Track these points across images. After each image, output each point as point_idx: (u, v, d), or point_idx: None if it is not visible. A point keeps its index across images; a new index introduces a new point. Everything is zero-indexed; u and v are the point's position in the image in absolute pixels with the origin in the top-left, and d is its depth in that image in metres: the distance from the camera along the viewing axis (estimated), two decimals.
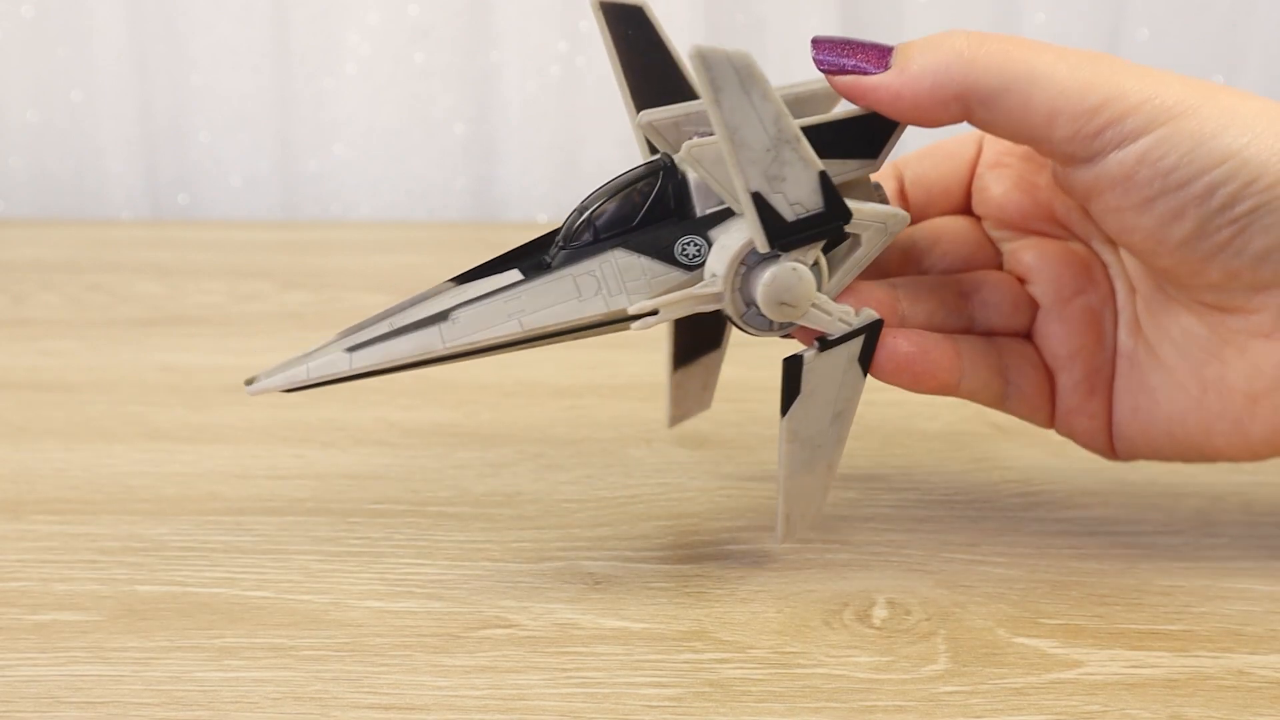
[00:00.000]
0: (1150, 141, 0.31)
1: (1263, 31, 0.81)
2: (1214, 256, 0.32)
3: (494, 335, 0.32)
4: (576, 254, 0.32)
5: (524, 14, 0.81)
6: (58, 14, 0.80)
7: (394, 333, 0.32)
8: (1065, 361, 0.36)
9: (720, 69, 0.29)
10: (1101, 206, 0.33)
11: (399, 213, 0.83)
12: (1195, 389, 0.34)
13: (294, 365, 0.32)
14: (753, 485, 0.41)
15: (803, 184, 0.31)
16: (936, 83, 0.31)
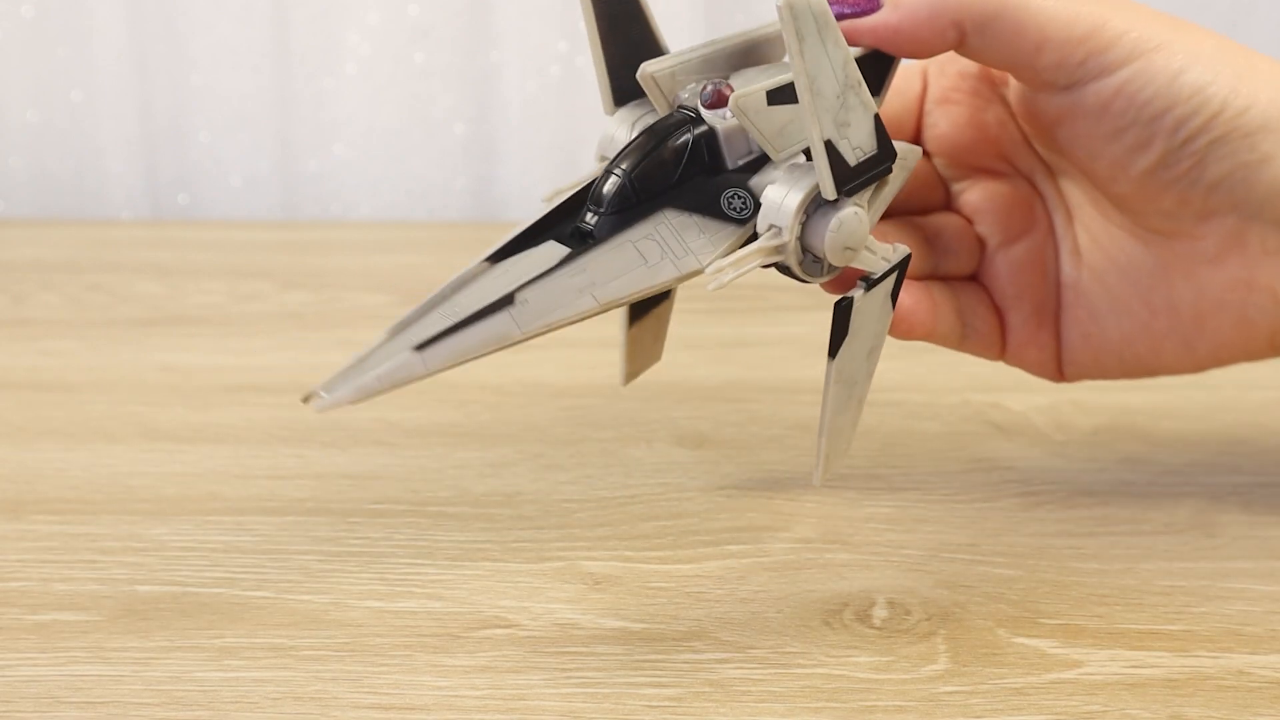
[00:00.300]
0: (1128, 73, 0.32)
1: (1263, 31, 0.81)
2: (1171, 185, 0.34)
3: (570, 313, 0.30)
4: (624, 219, 0.31)
5: (524, 14, 0.81)
6: (58, 14, 0.80)
7: (460, 324, 0.29)
8: (1014, 300, 0.38)
9: (805, 19, 0.28)
10: (1071, 133, 0.34)
11: (399, 213, 0.83)
12: (1144, 313, 0.36)
13: (358, 374, 0.29)
14: (753, 485, 0.41)
15: (863, 127, 0.31)
16: (934, 12, 0.33)
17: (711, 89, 0.32)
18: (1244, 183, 0.33)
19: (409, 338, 0.29)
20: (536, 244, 0.31)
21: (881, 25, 0.33)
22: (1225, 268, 0.35)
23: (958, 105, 0.38)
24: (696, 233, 0.31)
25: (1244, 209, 0.34)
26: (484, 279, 0.30)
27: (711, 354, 0.53)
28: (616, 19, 0.33)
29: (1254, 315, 0.35)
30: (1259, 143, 0.32)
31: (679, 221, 0.31)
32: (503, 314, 0.30)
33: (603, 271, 0.30)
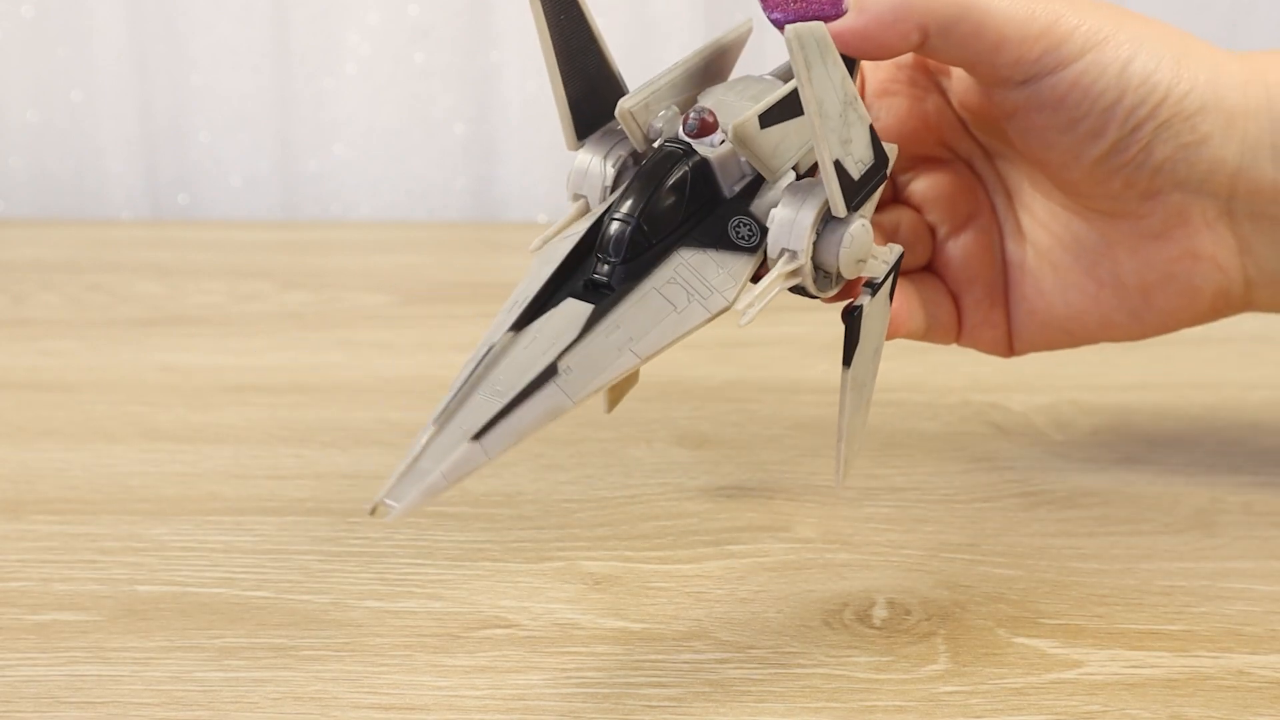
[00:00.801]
0: (1083, 66, 0.33)
1: (1263, 31, 0.81)
2: (1120, 169, 0.35)
3: (615, 373, 0.30)
4: (639, 265, 0.31)
5: (524, 14, 0.80)
6: (58, 14, 0.80)
7: (510, 405, 0.28)
8: (966, 285, 0.39)
9: (811, 48, 0.29)
10: (1025, 125, 0.35)
11: (399, 213, 0.83)
12: (1091, 287, 0.37)
13: (420, 475, 0.28)
14: (753, 485, 0.41)
15: (861, 140, 0.31)
16: (898, 16, 0.33)
17: (695, 118, 0.32)
18: (1185, 162, 0.34)
19: (461, 427, 0.28)
20: (555, 303, 0.30)
21: (847, 30, 0.33)
22: (1170, 242, 0.36)
23: (897, 96, 0.39)
24: (715, 268, 0.31)
25: (1186, 186, 0.35)
26: (515, 350, 0.30)
27: (711, 354, 0.53)
28: (572, 52, 0.33)
29: (1199, 283, 0.36)
30: (1199, 124, 0.34)
31: (696, 260, 0.31)
32: (550, 386, 0.29)
33: (636, 325, 0.30)
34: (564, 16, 0.33)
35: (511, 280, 0.69)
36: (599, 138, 0.34)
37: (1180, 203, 0.35)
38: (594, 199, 0.33)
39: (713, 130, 0.32)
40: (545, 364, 0.29)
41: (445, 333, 0.57)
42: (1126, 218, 0.36)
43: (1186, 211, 0.35)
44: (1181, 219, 0.35)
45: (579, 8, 0.33)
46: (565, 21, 0.33)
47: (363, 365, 0.53)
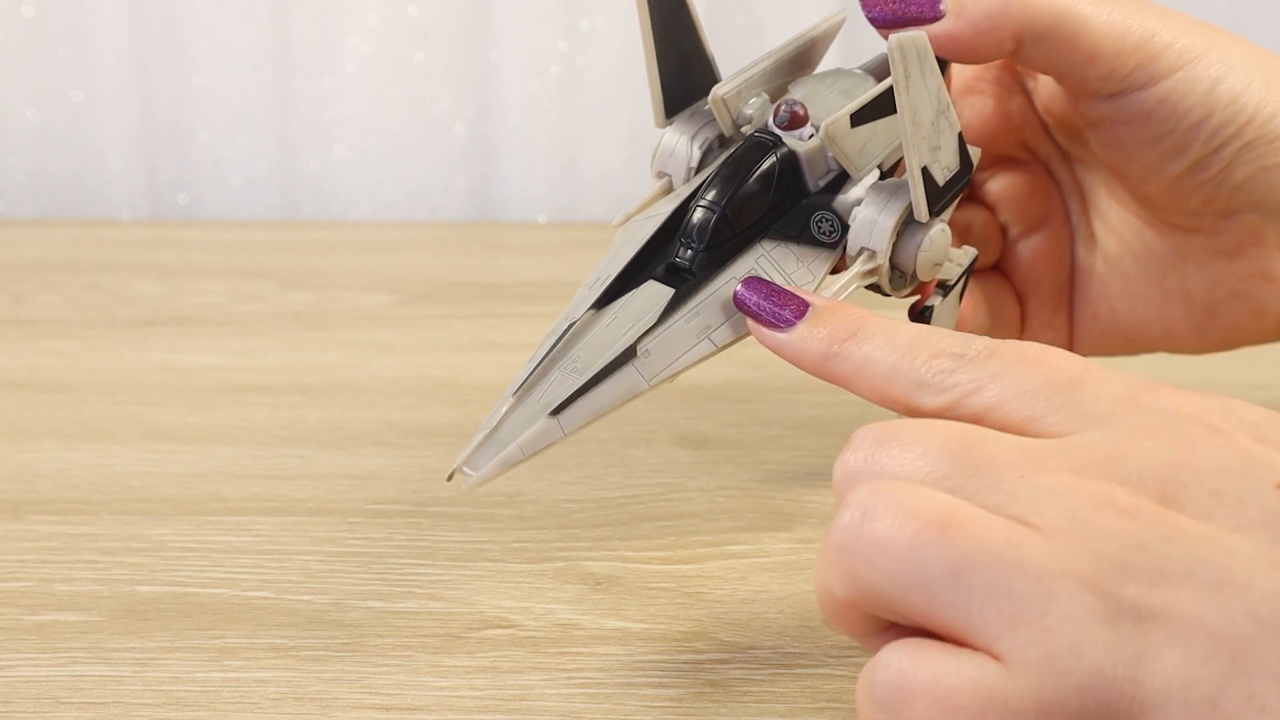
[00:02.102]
0: (1173, 83, 0.33)
1: (1263, 31, 0.81)
2: (1199, 187, 0.35)
3: (691, 359, 0.30)
4: (721, 253, 0.31)
5: (524, 14, 0.81)
6: (58, 14, 0.80)
7: (589, 384, 0.29)
8: (1033, 285, 0.39)
9: (911, 57, 0.29)
10: (1109, 136, 0.35)
11: (399, 213, 0.83)
12: (1157, 298, 0.37)
13: (497, 445, 0.29)
14: (753, 485, 0.41)
15: (950, 147, 0.31)
16: (995, 23, 0.33)
17: (786, 110, 0.32)
18: (1265, 184, 0.34)
19: (540, 401, 0.29)
20: (636, 284, 0.31)
21: (944, 34, 0.33)
22: (1242, 260, 0.36)
23: (983, 95, 0.39)
24: (795, 262, 0.32)
25: (1264, 208, 0.35)
26: (597, 329, 0.30)
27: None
28: (669, 31, 0.33)
29: (1268, 303, 0.36)
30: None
31: (777, 252, 0.32)
32: (628, 368, 0.30)
33: (716, 314, 0.31)
34: (666, 4, 0.33)
35: (511, 280, 0.69)
36: (687, 117, 0.34)
37: (1256, 223, 0.35)
38: (678, 179, 0.34)
39: (803, 123, 0.32)
40: (625, 344, 0.30)
41: (445, 333, 0.57)
42: (1201, 233, 0.36)
43: (1261, 232, 0.35)
44: (1256, 239, 0.36)
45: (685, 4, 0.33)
46: (667, 8, 0.33)
47: (363, 365, 0.52)
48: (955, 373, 0.27)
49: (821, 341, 0.29)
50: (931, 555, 0.22)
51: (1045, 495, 0.23)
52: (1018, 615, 0.22)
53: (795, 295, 0.30)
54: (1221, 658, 0.21)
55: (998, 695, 0.22)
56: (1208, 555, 0.22)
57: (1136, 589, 0.22)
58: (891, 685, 0.23)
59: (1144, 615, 0.22)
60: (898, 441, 0.25)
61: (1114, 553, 0.22)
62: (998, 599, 0.22)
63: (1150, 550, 0.22)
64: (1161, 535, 0.22)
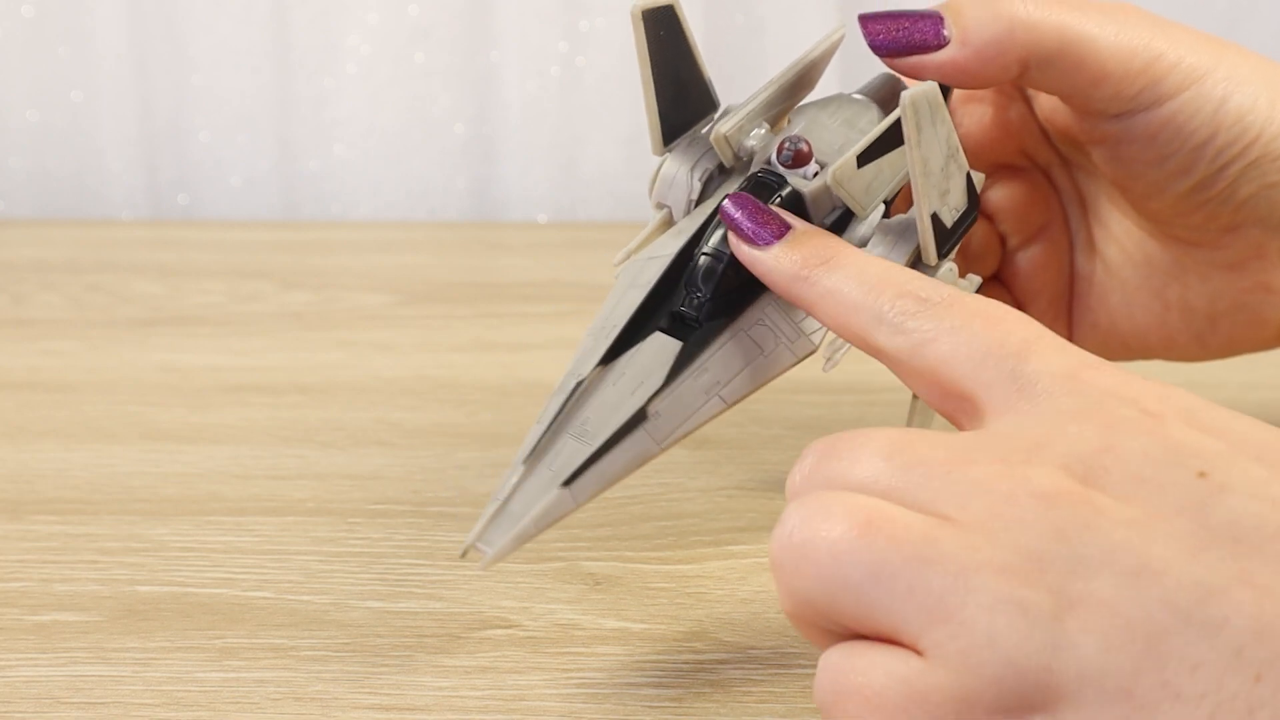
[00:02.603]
0: (1177, 105, 0.33)
1: (1263, 31, 0.81)
2: (1204, 204, 0.34)
3: (702, 418, 0.30)
4: (727, 302, 0.31)
5: (524, 14, 0.81)
6: (58, 14, 0.80)
7: (600, 451, 0.29)
8: (1032, 295, 0.38)
9: (923, 111, 0.29)
10: (1114, 154, 0.35)
11: (399, 213, 0.83)
12: (1158, 308, 0.37)
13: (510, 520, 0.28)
14: (753, 485, 0.41)
15: (958, 189, 0.31)
16: (1001, 50, 0.33)
17: (790, 149, 0.32)
18: (1269, 200, 0.34)
19: (551, 469, 0.29)
20: (643, 335, 0.31)
21: (949, 63, 0.33)
22: (1244, 273, 0.36)
23: (982, 103, 0.38)
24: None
25: (1268, 223, 0.35)
26: (604, 388, 0.30)
27: None
28: (667, 59, 0.33)
29: (1269, 314, 0.36)
30: None
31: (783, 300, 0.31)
32: (639, 432, 0.30)
33: (724, 369, 0.31)
34: (664, 32, 0.33)
35: (511, 280, 0.69)
36: (686, 146, 0.34)
37: (1259, 238, 0.35)
38: (678, 210, 0.34)
39: (807, 160, 0.32)
40: (634, 407, 0.29)
41: (445, 333, 0.57)
42: (1203, 247, 0.36)
43: (1264, 246, 0.35)
44: (1258, 253, 0.35)
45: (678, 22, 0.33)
46: (665, 36, 0.33)
47: (363, 365, 0.52)
48: (916, 316, 0.27)
49: (794, 264, 0.29)
50: (852, 560, 0.23)
51: (969, 489, 0.23)
52: (935, 610, 0.22)
53: (778, 216, 0.30)
54: (1136, 645, 0.21)
55: (919, 689, 0.22)
56: (1125, 541, 0.22)
57: (1053, 578, 0.22)
58: (828, 687, 0.23)
59: (1060, 604, 0.22)
60: (835, 453, 0.25)
61: (1031, 543, 0.22)
62: (917, 596, 0.22)
63: (1068, 538, 0.22)
64: (1080, 522, 0.22)
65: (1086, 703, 0.21)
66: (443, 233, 0.79)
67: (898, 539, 0.23)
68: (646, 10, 0.33)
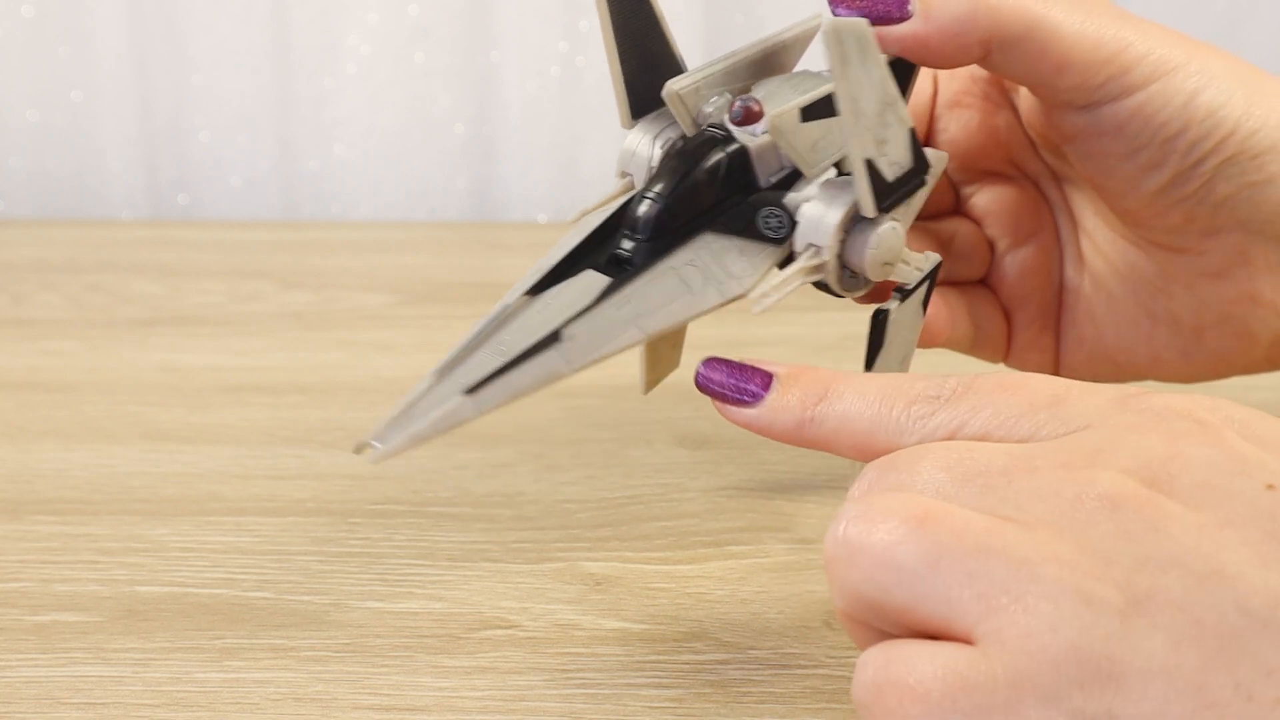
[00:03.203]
0: (1146, 95, 0.33)
1: (1263, 31, 0.81)
2: (1180, 203, 0.34)
3: (617, 345, 0.30)
4: (663, 244, 0.31)
5: (524, 14, 0.81)
6: (58, 14, 0.80)
7: (509, 364, 0.29)
8: (1020, 302, 0.38)
9: (849, 42, 0.29)
10: (1085, 150, 0.34)
11: (399, 213, 0.83)
12: (1145, 321, 0.37)
13: (410, 421, 0.28)
14: (753, 485, 0.41)
15: (899, 143, 0.31)
16: (962, 29, 0.32)
17: (740, 105, 0.32)
18: (1249, 201, 0.33)
19: (458, 380, 0.29)
20: (574, 273, 0.31)
21: (910, 35, 0.33)
22: (1229, 282, 0.35)
23: (968, 109, 0.38)
24: (736, 255, 0.31)
25: (1249, 226, 0.34)
26: (527, 313, 0.30)
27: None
28: (633, 32, 0.33)
29: (1256, 327, 0.36)
30: (1266, 163, 0.33)
31: (719, 245, 0.31)
32: (551, 351, 0.29)
33: (647, 301, 0.30)
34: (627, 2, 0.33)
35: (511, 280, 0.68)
36: (653, 118, 0.34)
37: (1242, 242, 0.34)
38: (639, 178, 0.34)
39: (757, 119, 0.32)
40: (551, 328, 0.29)
41: (445, 333, 0.57)
42: (1186, 253, 0.35)
43: (1248, 252, 0.35)
44: (1242, 259, 0.35)
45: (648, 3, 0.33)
46: (628, 6, 0.33)
47: (363, 365, 0.53)
48: (935, 415, 0.27)
49: (793, 410, 0.29)
50: (909, 549, 0.23)
51: (1031, 493, 0.23)
52: (996, 598, 0.22)
53: (757, 368, 0.30)
54: (1207, 644, 0.21)
55: (968, 676, 0.22)
56: (1195, 546, 0.22)
57: (1120, 574, 0.22)
58: (868, 682, 0.23)
59: (1127, 599, 0.22)
60: (894, 466, 0.25)
61: (1097, 541, 0.22)
62: (977, 584, 0.22)
63: (1136, 538, 0.22)
64: (1148, 524, 0.22)
65: (1151, 697, 0.21)
66: (443, 233, 0.79)
67: (958, 531, 0.23)
68: None
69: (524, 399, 0.29)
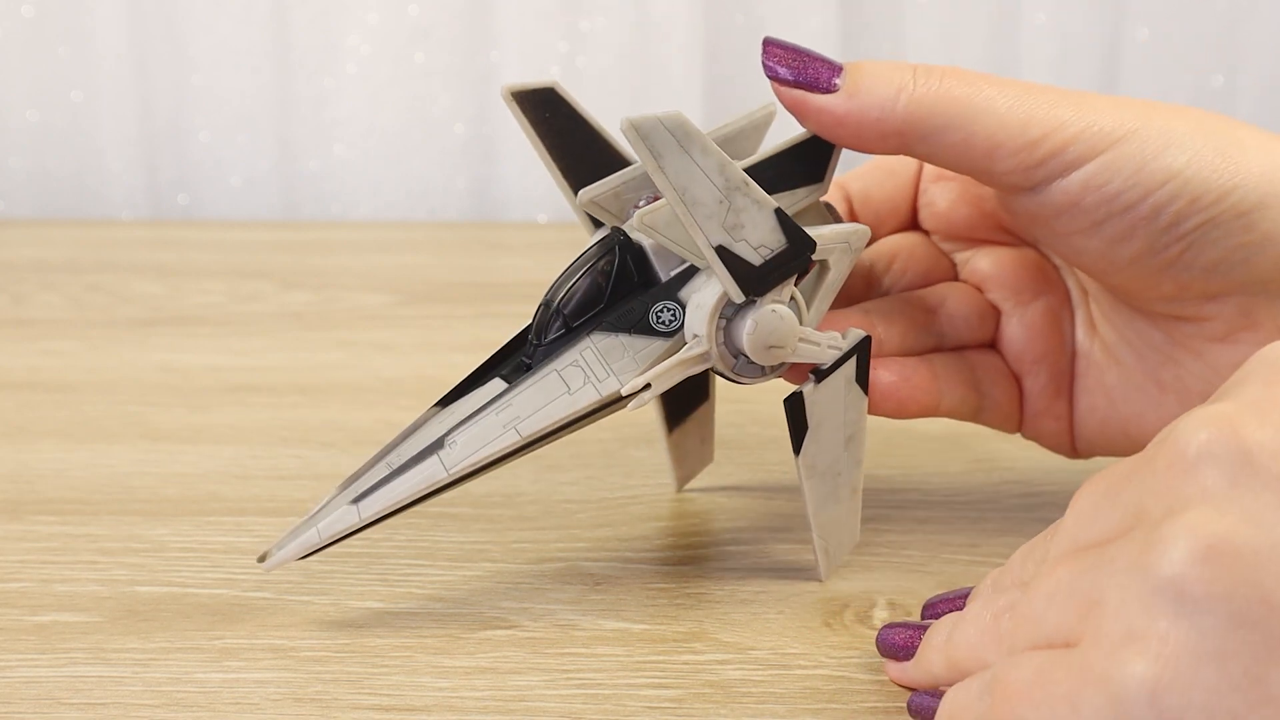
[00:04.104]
0: (1093, 169, 0.31)
1: (1263, 31, 0.81)
2: (1165, 271, 0.32)
3: (494, 450, 0.31)
4: (553, 347, 0.32)
5: (524, 14, 0.81)
6: (58, 14, 0.80)
7: (394, 473, 0.31)
8: (1031, 366, 0.37)
9: (657, 135, 0.29)
10: (1048, 231, 0.33)
11: (399, 213, 0.83)
12: (1154, 390, 0.35)
13: (304, 530, 0.31)
14: (753, 485, 0.41)
15: (761, 225, 0.31)
16: (881, 117, 0.32)
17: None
18: (1244, 263, 0.32)
19: (352, 491, 0.31)
20: (484, 382, 0.32)
21: (828, 112, 0.32)
22: (1236, 346, 0.34)
23: (953, 182, 0.37)
24: (621, 352, 0.32)
25: (1249, 289, 0.32)
26: (429, 424, 0.32)
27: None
28: (568, 146, 0.34)
29: None
30: (1256, 222, 0.31)
31: (605, 344, 0.32)
32: (432, 458, 0.31)
33: (527, 405, 0.31)
34: (549, 114, 0.33)
35: (511, 280, 0.69)
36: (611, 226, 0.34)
37: (1244, 305, 0.33)
38: None
39: None
40: (436, 437, 0.31)
41: (445, 333, 0.57)
42: (1189, 321, 0.34)
43: (1253, 314, 0.33)
44: (1248, 322, 0.33)
45: (567, 105, 0.34)
46: (552, 119, 0.33)
47: (363, 365, 0.53)
48: (1024, 620, 0.25)
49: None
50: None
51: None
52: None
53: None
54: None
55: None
56: None
57: None
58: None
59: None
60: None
61: None
62: None
63: None
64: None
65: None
66: (443, 233, 0.79)
67: None
68: (517, 92, 0.33)
69: (409, 506, 0.31)
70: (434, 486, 0.31)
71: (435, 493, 0.31)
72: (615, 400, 0.32)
